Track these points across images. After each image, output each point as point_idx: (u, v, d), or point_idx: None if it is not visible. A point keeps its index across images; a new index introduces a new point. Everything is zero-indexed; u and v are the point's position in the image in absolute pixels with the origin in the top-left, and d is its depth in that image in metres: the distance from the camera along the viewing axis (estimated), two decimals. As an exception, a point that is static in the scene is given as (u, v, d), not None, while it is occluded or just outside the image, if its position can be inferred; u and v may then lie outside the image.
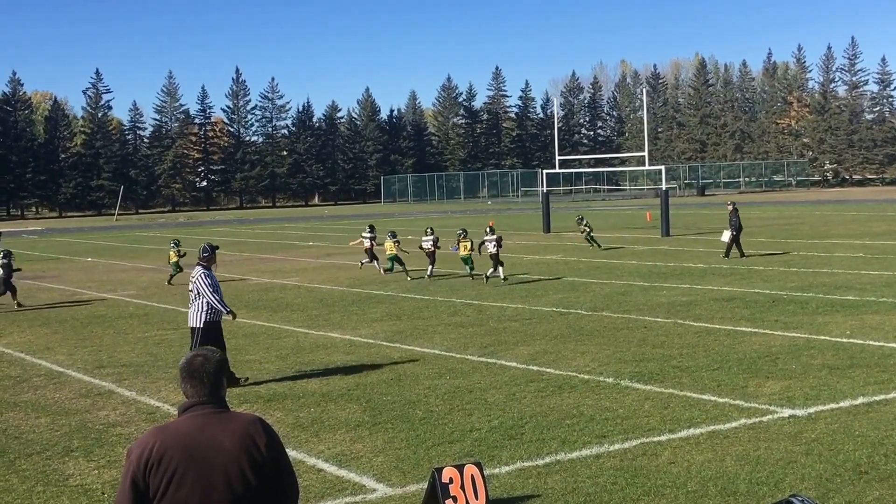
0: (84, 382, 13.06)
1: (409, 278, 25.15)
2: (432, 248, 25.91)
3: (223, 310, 12.58)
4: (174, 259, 26.79)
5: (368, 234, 28.10)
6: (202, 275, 12.66)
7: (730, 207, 28.99)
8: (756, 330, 15.30)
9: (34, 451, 9.59)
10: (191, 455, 4.03)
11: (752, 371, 12.16)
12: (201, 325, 12.46)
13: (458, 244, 25.52)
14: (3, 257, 22.71)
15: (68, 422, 10.80)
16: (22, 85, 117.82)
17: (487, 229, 25.31)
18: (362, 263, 28.14)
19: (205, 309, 12.51)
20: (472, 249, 24.78)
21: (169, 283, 26.19)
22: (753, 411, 10.17)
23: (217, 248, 13.77)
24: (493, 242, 23.44)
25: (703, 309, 17.86)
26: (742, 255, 27.84)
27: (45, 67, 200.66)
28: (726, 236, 28.32)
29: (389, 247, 26.00)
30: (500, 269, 23.44)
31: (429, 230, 26.93)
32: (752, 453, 8.66)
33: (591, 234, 33.32)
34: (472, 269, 24.87)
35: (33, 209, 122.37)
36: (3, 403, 11.89)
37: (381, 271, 26.78)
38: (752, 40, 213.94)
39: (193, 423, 4.13)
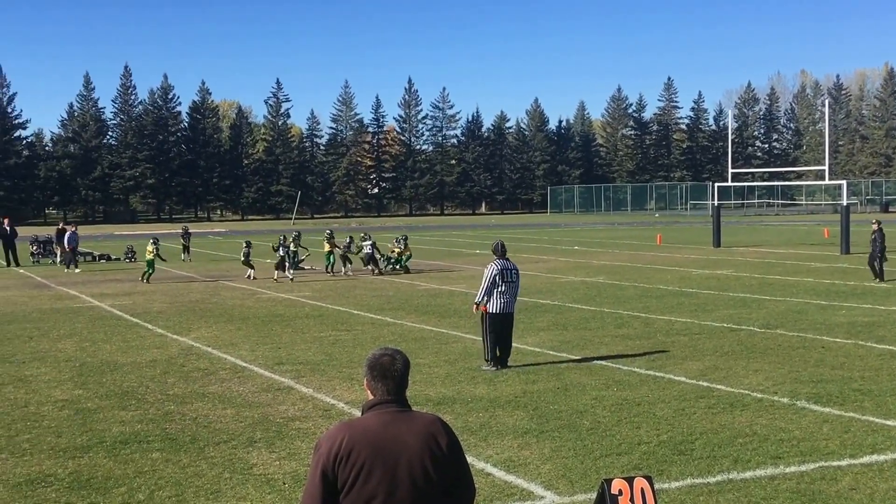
0: (265, 378, 13.69)
1: None
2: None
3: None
4: (150, 257, 29.18)
5: None
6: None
7: (874, 227, 27.16)
8: (944, 355, 14.54)
9: (221, 440, 10.13)
10: (377, 451, 4.18)
11: (942, 398, 11.57)
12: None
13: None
14: (369, 239, 31.25)
15: (251, 414, 11.35)
16: (210, 94, 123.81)
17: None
18: None
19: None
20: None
21: (145, 280, 28.95)
22: (943, 440, 9.68)
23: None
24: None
25: (888, 331, 17.10)
26: (879, 277, 26.29)
27: (231, 77, 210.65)
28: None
29: None
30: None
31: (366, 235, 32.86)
32: (942, 484, 8.27)
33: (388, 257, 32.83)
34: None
35: (218, 212, 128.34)
36: (194, 394, 12.60)
37: None
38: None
39: (379, 420, 4.28)
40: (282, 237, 30.66)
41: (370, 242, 31.82)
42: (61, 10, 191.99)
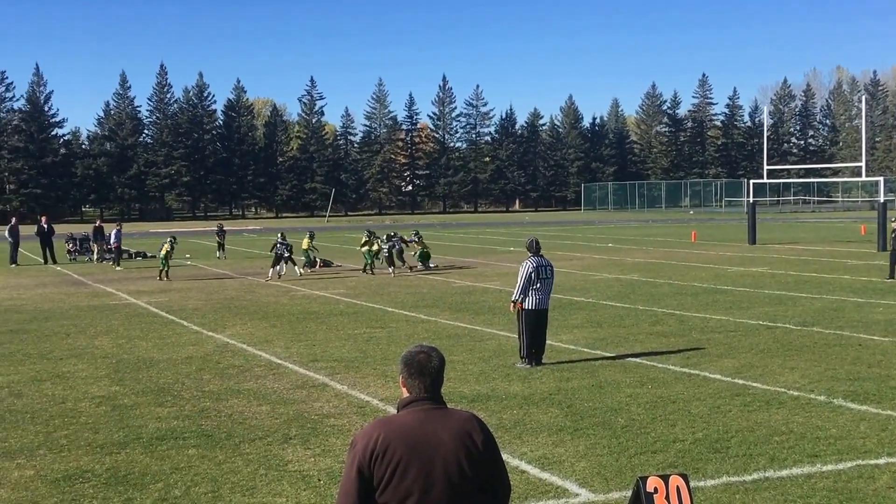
0: (300, 374, 13.75)
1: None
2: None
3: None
4: (163, 254, 29.73)
5: None
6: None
7: (893, 225, 26.79)
8: (984, 353, 14.34)
9: (256, 437, 10.19)
10: (413, 448, 4.17)
11: (981, 397, 11.42)
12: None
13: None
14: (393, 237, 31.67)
15: (286, 411, 11.40)
16: (245, 92, 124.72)
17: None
18: None
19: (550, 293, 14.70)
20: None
21: (164, 278, 29.20)
22: (982, 439, 9.55)
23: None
24: None
25: (925, 329, 16.89)
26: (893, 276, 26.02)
27: (265, 76, 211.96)
28: None
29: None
30: None
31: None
32: (981, 483, 8.16)
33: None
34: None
35: (253, 209, 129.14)
36: (229, 391, 12.67)
37: None
38: None
39: (415, 417, 4.27)
40: (279, 234, 30.88)
41: (397, 239, 32.00)
42: (97, 9, 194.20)
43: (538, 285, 14.29)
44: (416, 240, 32.86)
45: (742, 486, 8.28)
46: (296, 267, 30.21)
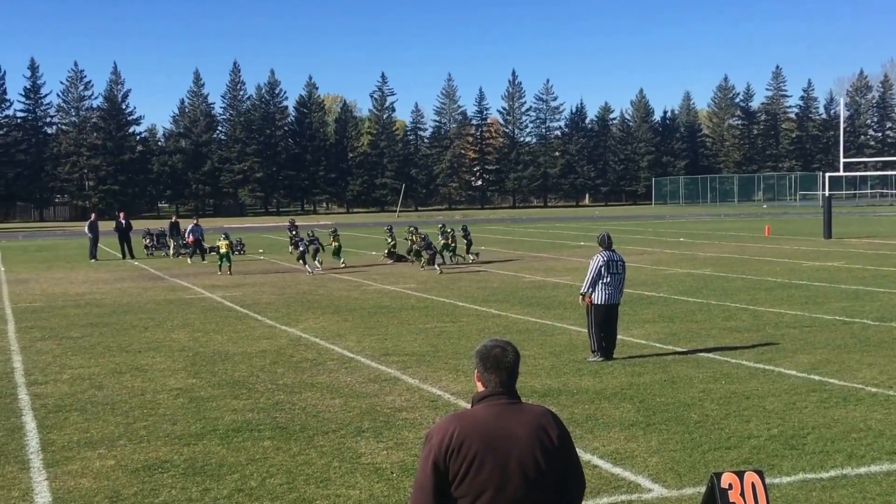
0: (372, 368, 13.87)
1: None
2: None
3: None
4: (224, 250, 30.34)
5: None
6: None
7: None
8: None
9: (330, 430, 10.31)
10: (488, 442, 4.18)
11: None
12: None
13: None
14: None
15: (359, 404, 11.52)
16: (317, 88, 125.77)
17: None
18: None
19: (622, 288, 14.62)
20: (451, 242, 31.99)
21: (225, 272, 29.96)
22: None
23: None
24: None
25: None
26: None
27: (335, 72, 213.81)
28: None
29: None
30: None
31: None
32: None
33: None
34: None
35: (324, 205, 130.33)
36: (303, 384, 12.84)
37: None
38: None
39: (489, 412, 4.28)
40: (293, 231, 31.83)
41: (423, 234, 32.05)
42: (171, 8, 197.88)
43: (608, 279, 14.23)
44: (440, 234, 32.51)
45: (819, 483, 8.17)
46: (317, 261, 30.55)
